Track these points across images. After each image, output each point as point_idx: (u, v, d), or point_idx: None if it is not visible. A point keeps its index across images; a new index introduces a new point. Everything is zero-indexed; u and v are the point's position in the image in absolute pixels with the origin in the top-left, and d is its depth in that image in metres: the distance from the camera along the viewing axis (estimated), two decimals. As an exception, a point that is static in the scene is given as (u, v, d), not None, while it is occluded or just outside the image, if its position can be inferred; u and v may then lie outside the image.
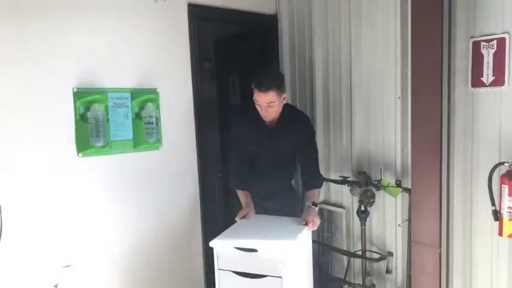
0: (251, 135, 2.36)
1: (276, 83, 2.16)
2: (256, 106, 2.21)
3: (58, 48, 2.12)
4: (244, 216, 2.22)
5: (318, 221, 2.15)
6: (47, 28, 2.08)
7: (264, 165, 2.40)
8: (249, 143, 2.36)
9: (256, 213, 2.29)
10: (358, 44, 2.50)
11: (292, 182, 2.63)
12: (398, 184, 2.28)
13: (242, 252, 1.90)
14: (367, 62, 2.47)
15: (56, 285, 2.13)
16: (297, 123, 2.36)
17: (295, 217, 2.27)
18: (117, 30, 2.31)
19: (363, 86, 2.50)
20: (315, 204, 2.26)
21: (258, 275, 1.89)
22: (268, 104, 2.16)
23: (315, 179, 2.36)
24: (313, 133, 2.43)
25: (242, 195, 2.34)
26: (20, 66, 2.03)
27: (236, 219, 2.23)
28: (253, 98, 2.19)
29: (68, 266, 2.19)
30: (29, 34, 2.04)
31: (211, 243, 1.98)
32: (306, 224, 2.11)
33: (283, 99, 2.23)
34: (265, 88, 2.12)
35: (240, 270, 1.92)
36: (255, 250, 1.88)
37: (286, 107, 2.33)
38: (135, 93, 2.38)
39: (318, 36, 2.75)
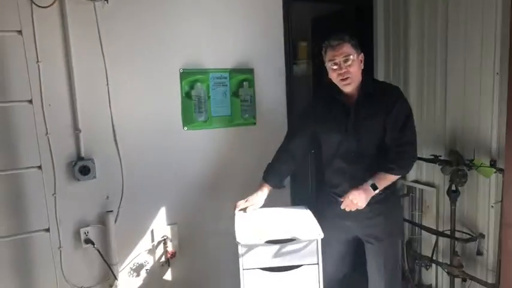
0: (326, 111, 2.05)
1: (349, 37, 1.94)
2: (332, 72, 1.94)
3: (169, 35, 2.40)
4: (242, 209, 2.05)
5: (353, 205, 1.86)
6: (160, 20, 2.37)
7: (344, 154, 2.00)
8: (322, 123, 2.06)
9: (335, 224, 2.04)
10: (455, 13, 2.39)
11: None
12: (493, 164, 2.18)
13: (272, 246, 1.75)
14: (464, 35, 2.35)
15: (163, 238, 2.48)
16: (384, 97, 1.94)
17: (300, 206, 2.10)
18: (216, 15, 2.51)
19: (459, 61, 2.39)
20: (374, 186, 1.87)
21: (291, 266, 1.76)
22: (346, 59, 1.89)
23: (385, 164, 1.91)
24: (407, 113, 1.95)
25: (261, 187, 2.13)
26: (141, 49, 2.34)
27: (235, 211, 2.06)
28: (327, 63, 1.95)
29: (174, 224, 2.52)
30: (149, 25, 2.35)
31: (239, 239, 1.76)
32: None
33: (361, 61, 1.96)
34: (338, 41, 1.91)
35: (269, 266, 1.77)
36: (292, 240, 1.74)
37: (369, 79, 2.03)
38: (232, 73, 2.59)
39: (414, 12, 2.68)
